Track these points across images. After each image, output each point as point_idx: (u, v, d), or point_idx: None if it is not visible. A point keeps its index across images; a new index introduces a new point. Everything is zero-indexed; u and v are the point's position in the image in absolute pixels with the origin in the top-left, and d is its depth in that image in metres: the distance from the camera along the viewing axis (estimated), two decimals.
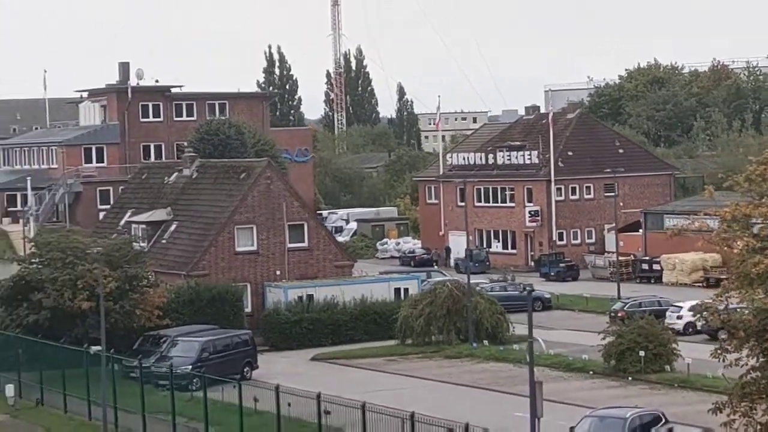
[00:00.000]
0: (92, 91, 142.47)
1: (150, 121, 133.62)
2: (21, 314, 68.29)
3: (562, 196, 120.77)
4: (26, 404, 61.46)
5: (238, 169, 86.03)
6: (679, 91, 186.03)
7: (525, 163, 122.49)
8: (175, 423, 53.03)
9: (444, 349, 74.04)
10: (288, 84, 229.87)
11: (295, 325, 76.99)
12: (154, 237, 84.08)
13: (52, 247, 71.55)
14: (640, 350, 63.60)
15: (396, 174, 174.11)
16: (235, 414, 51.42)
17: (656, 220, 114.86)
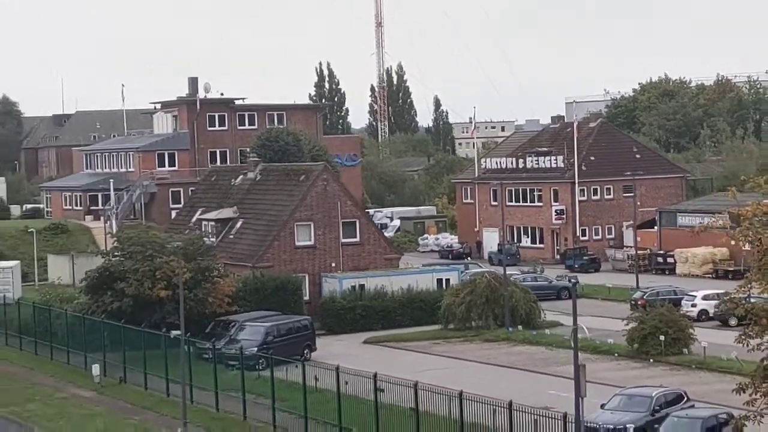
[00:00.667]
0: (165, 103, 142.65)
1: (216, 130, 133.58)
2: (106, 301, 68.38)
3: (585, 197, 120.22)
4: (110, 382, 61.38)
5: (298, 172, 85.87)
6: (687, 102, 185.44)
7: (551, 167, 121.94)
8: (244, 399, 52.79)
9: (483, 334, 73.44)
10: (336, 96, 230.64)
11: (349, 311, 76.86)
12: (223, 233, 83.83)
13: (134, 241, 71.68)
14: (661, 335, 63.24)
15: (434, 176, 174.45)
16: (298, 391, 51.11)
17: (670, 218, 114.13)
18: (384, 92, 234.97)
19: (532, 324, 75.38)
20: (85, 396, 58.78)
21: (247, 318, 68.77)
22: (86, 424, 52.00)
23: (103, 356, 63.41)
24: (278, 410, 50.61)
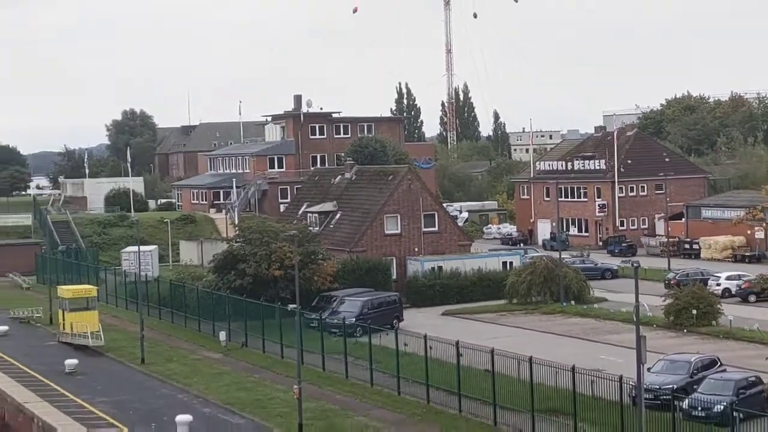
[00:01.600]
0: (274, 116, 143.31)
1: (316, 138, 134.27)
2: (230, 279, 68.95)
3: (623, 193, 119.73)
4: (234, 346, 61.64)
5: (387, 173, 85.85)
6: (705, 115, 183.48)
7: (595, 168, 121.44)
8: (346, 361, 52.89)
9: (541, 307, 73.00)
10: (413, 111, 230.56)
11: (429, 288, 76.70)
12: (324, 223, 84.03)
13: (253, 230, 72.29)
14: (693, 309, 62.62)
15: (495, 177, 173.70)
16: (390, 355, 51.21)
17: (695, 211, 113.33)
18: (452, 107, 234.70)
19: (582, 299, 74.85)
20: (213, 357, 59.16)
21: (346, 293, 68.95)
22: (216, 381, 52.36)
23: (228, 324, 63.73)
24: (375, 370, 50.69)
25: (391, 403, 46.57)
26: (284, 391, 49.04)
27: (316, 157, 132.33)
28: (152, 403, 48.05)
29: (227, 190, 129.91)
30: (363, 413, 44.69)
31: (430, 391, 46.38)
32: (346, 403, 46.66)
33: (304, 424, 42.06)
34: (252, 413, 45.21)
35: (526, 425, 40.33)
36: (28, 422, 46.23)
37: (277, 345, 58.54)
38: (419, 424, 42.67)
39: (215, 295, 68.69)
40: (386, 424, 42.65)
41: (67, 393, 49.88)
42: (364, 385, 50.07)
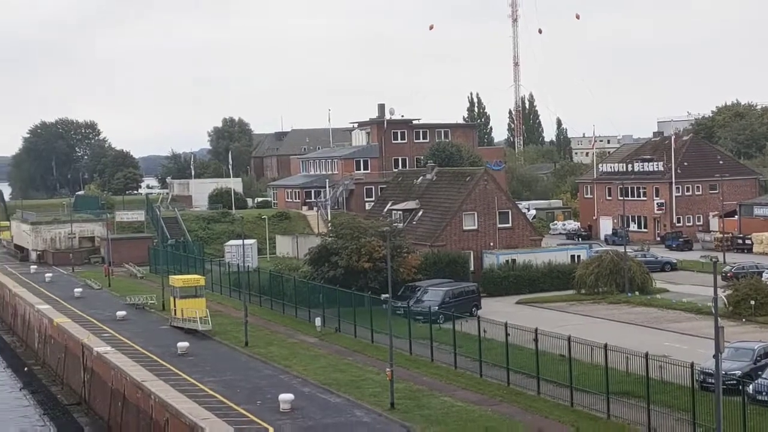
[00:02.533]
0: (360, 123, 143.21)
1: (398, 143, 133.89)
2: (324, 271, 68.88)
3: (680, 193, 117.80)
4: (328, 331, 61.29)
5: (464, 174, 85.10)
6: (754, 121, 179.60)
7: (654, 170, 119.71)
8: (432, 345, 52.32)
9: (607, 297, 71.52)
10: (483, 117, 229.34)
11: (504, 279, 75.83)
12: (407, 220, 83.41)
13: (344, 226, 72.09)
14: (751, 300, 61.17)
15: (560, 177, 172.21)
16: (470, 340, 50.71)
17: (748, 209, 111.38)
18: (519, 114, 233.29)
19: (645, 290, 73.45)
20: (309, 341, 58.86)
21: (429, 284, 68.37)
22: (313, 362, 52.09)
23: (322, 311, 63.28)
24: (458, 354, 50.03)
25: (474, 384, 45.93)
26: (376, 373, 48.74)
27: (397, 159, 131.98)
28: (256, 382, 47.92)
29: (318, 189, 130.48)
30: (448, 394, 44.16)
31: (510, 374, 45.68)
32: (433, 385, 46.12)
33: (395, 403, 41.74)
34: (347, 393, 44.86)
35: (601, 406, 39.52)
36: (145, 398, 46.39)
37: (368, 330, 58.12)
38: (501, 405, 41.97)
39: (310, 284, 68.53)
40: (470, 404, 42.07)
41: (180, 372, 50.03)
42: (448, 368, 49.47)
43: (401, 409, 41.13)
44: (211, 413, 41.04)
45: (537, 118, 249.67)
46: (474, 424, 38.70)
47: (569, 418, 39.17)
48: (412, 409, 41.17)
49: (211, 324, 62.42)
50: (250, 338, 58.18)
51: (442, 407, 41.59)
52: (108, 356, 54.60)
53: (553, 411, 40.45)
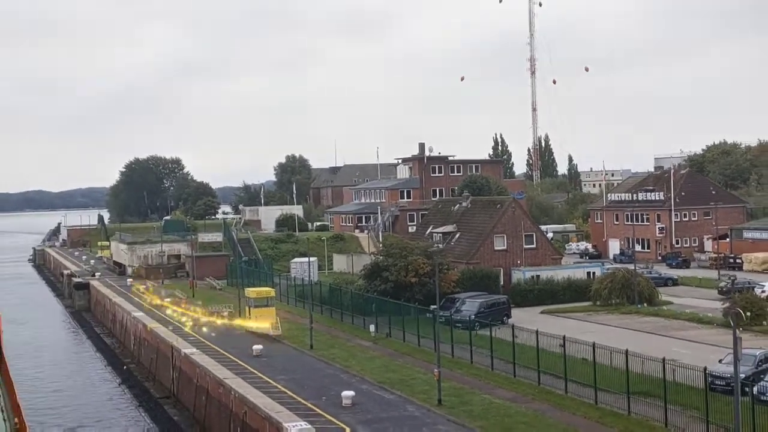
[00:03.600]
0: (404, 159, 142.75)
1: (436, 176, 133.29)
2: (376, 285, 68.07)
3: (678, 218, 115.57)
4: (380, 336, 60.27)
5: (495, 203, 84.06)
6: (738, 158, 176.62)
7: (655, 199, 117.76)
8: (471, 349, 51.10)
9: (620, 308, 69.88)
10: (506, 155, 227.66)
11: (530, 292, 74.55)
12: (446, 241, 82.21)
13: (394, 246, 71.33)
14: (747, 311, 58.83)
15: (572, 205, 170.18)
16: (503, 344, 49.69)
17: (738, 232, 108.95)
18: (536, 152, 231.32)
19: (653, 302, 71.69)
20: (365, 345, 57.89)
21: (466, 296, 67.17)
22: (369, 363, 51.15)
23: (375, 319, 62.32)
24: (495, 357, 48.87)
25: (508, 383, 44.84)
26: (423, 373, 47.79)
27: (435, 190, 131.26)
28: (321, 380, 47.09)
29: (368, 215, 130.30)
30: (487, 392, 43.11)
31: (541, 375, 44.52)
32: (473, 383, 45.08)
33: (442, 400, 40.77)
34: (399, 390, 43.94)
35: (622, 404, 38.28)
36: (226, 394, 45.73)
37: (414, 336, 57.03)
38: (533, 402, 40.84)
39: (365, 296, 67.68)
40: (507, 401, 40.96)
41: (255, 371, 49.34)
42: (486, 369, 48.36)
43: (447, 405, 40.18)
44: (283, 407, 40.25)
45: (551, 155, 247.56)
46: (511, 420, 37.66)
47: (595, 415, 38.02)
48: (457, 405, 40.20)
49: (280, 329, 61.84)
50: (314, 342, 57.39)
51: (483, 404, 40.58)
52: (194, 357, 54.09)
53: (579, 408, 39.29)
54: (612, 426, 36.32)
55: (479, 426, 36.74)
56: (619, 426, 36.25)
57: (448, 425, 37.19)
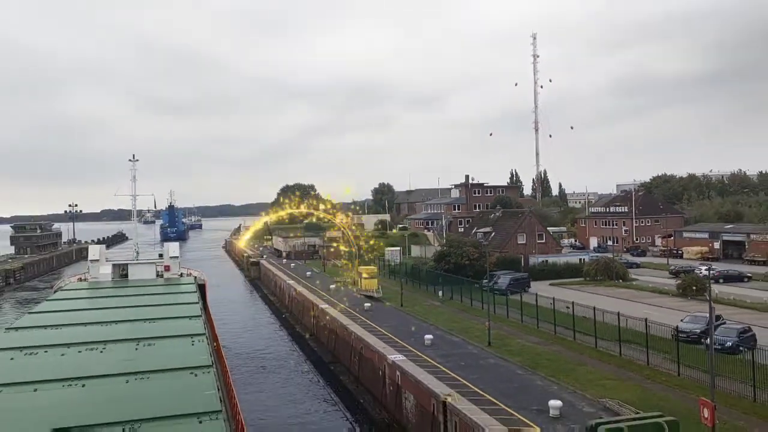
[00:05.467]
0: (455, 185, 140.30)
1: (477, 196, 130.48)
2: (442, 265, 65.96)
3: (637, 224, 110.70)
4: (446, 299, 58.15)
5: (518, 213, 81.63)
6: (674, 185, 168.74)
7: (621, 211, 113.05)
8: (507, 308, 48.60)
9: (603, 283, 66.46)
10: (519, 182, 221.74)
11: (541, 271, 71.43)
12: (486, 237, 79.78)
13: (453, 241, 69.22)
14: (693, 287, 55.61)
15: (564, 215, 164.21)
16: (527, 305, 46.75)
17: (679, 234, 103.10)
18: (539, 180, 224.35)
19: (625, 279, 67.89)
20: (436, 304, 55.78)
21: (501, 272, 64.33)
22: (440, 317, 49.11)
23: (442, 287, 60.25)
24: (523, 315, 46.34)
25: (534, 332, 42.39)
26: (475, 324, 45.57)
27: (476, 205, 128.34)
28: (409, 327, 45.20)
29: (432, 220, 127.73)
30: (519, 338, 40.79)
31: (556, 328, 41.94)
32: (509, 332, 42.75)
33: (491, 342, 38.70)
34: (461, 335, 41.94)
35: (615, 349, 35.58)
36: (348, 334, 44.44)
37: (468, 299, 54.94)
38: (552, 345, 38.40)
39: (434, 272, 65.56)
40: (534, 344, 38.61)
41: (367, 320, 47.91)
42: (517, 322, 45.91)
43: (494, 346, 38.08)
44: (386, 344, 38.76)
45: (548, 183, 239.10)
46: (539, 356, 35.37)
47: (596, 355, 35.45)
48: (501, 346, 38.06)
49: (381, 293, 60.37)
50: (403, 302, 55.83)
51: (517, 345, 38.33)
52: (326, 309, 53.07)
53: (584, 350, 36.70)
54: (609, 362, 33.81)
55: (518, 360, 34.61)
56: (614, 362, 33.74)
57: (496, 359, 35.17)
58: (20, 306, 79.78)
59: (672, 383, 29.90)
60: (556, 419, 24.95)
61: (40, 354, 22.97)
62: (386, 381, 35.28)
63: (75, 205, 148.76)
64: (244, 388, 40.91)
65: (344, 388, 40.99)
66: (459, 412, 25.96)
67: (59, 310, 33.23)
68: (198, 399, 17.38)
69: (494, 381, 30.42)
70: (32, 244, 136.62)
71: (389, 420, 33.72)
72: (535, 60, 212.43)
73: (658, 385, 29.70)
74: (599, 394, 28.18)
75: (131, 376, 19.68)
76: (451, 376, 31.33)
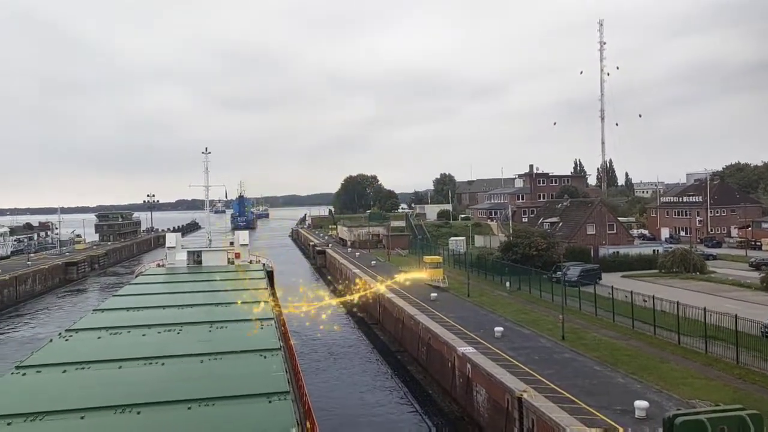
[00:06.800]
0: (520, 174, 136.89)
1: (542, 185, 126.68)
2: (509, 255, 63.47)
3: (713, 214, 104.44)
4: (513, 290, 56.05)
5: (587, 202, 78.28)
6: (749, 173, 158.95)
7: (695, 201, 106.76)
8: (580, 300, 46.30)
9: (679, 275, 62.81)
10: (582, 172, 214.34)
11: (613, 263, 68.12)
12: (553, 228, 76.87)
13: (519, 231, 66.66)
14: None
15: (631, 205, 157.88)
16: (601, 298, 44.28)
17: (757, 224, 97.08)
18: (604, 169, 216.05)
19: (703, 271, 63.88)
20: (503, 295, 53.96)
21: (570, 264, 61.69)
22: (508, 308, 47.32)
23: (509, 278, 58.23)
24: (598, 307, 44.04)
25: (609, 326, 40.07)
26: (546, 316, 43.63)
27: (540, 194, 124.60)
28: (477, 318, 43.85)
29: (496, 210, 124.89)
30: (594, 331, 38.61)
31: (634, 322, 39.47)
32: (583, 325, 40.58)
33: (564, 336, 36.73)
34: (533, 327, 40.12)
35: (700, 345, 33.01)
36: (416, 324, 43.42)
37: (537, 290, 52.83)
38: (630, 340, 36.11)
39: (501, 262, 63.52)
40: (611, 339, 36.39)
41: (433, 310, 46.73)
42: (590, 315, 43.62)
43: (568, 340, 36.11)
44: (455, 336, 37.45)
45: (614, 172, 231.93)
46: (618, 352, 33.23)
47: (680, 352, 32.98)
48: (575, 340, 36.05)
49: (447, 283, 58.98)
50: (470, 292, 54.26)
51: (594, 340, 36.21)
52: (392, 299, 52.19)
53: (666, 347, 34.30)
54: (694, 360, 31.35)
55: (595, 355, 32.58)
56: (699, 360, 31.27)
57: (572, 353, 33.25)
58: (103, 290, 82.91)
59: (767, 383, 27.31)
60: (643, 421, 23.03)
61: (123, 334, 24.17)
62: (456, 373, 34.02)
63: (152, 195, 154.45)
64: (310, 372, 40.58)
65: (411, 377, 39.98)
66: (536, 409, 24.42)
67: (140, 294, 34.95)
68: (267, 380, 17.86)
69: (571, 377, 28.64)
70: (114, 231, 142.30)
71: (459, 413, 32.48)
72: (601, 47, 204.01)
73: (751, 386, 27.20)
74: (688, 394, 25.99)
75: (205, 357, 20.38)
76: (525, 370, 29.73)
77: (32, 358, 20.63)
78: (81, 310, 65.01)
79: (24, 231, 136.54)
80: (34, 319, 63.76)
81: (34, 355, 21.09)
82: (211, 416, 15.50)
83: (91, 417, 15.49)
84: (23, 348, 49.47)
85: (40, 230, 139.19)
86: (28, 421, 15.22)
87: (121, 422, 15.31)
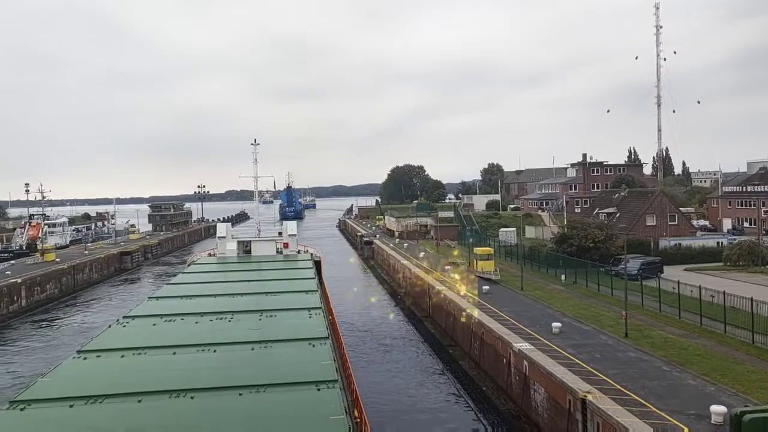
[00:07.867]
0: (572, 164, 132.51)
1: (594, 174, 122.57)
2: (564, 248, 61.33)
3: None
4: (569, 283, 54.05)
5: (646, 192, 75.04)
6: None
7: (761, 191, 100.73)
8: (642, 295, 43.87)
9: (746, 269, 59.34)
10: (637, 161, 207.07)
11: (674, 255, 65.16)
12: (610, 219, 74.01)
13: (574, 222, 64.29)
14: None
15: (690, 195, 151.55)
16: (663, 292, 42.05)
17: None
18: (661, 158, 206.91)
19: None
20: (558, 288, 52.07)
21: (630, 257, 58.95)
22: (564, 303, 45.49)
23: (564, 271, 56.27)
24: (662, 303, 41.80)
25: (675, 323, 37.89)
26: (606, 311, 41.72)
27: (593, 184, 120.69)
28: (532, 312, 42.31)
29: (547, 200, 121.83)
30: (659, 329, 36.55)
31: (702, 318, 37.17)
32: (647, 321, 38.54)
33: (628, 333, 34.87)
34: (592, 323, 38.32)
35: None
36: (468, 318, 42.16)
37: (594, 284, 50.61)
38: (699, 338, 33.96)
39: (555, 254, 61.47)
40: (678, 336, 34.32)
41: (486, 303, 45.34)
42: (654, 311, 41.44)
43: (632, 337, 34.25)
44: (510, 331, 36.10)
45: (670, 160, 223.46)
46: (686, 351, 31.22)
47: (755, 352, 30.75)
48: (639, 338, 34.15)
49: (499, 275, 57.42)
50: (523, 285, 52.56)
51: (659, 337, 34.22)
52: (443, 292, 51.06)
53: (739, 346, 32.05)
54: None
55: (662, 355, 30.71)
56: None
57: (636, 352, 31.46)
58: (156, 278, 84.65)
59: None
60: (720, 427, 21.34)
61: (177, 321, 24.78)
62: (511, 370, 32.74)
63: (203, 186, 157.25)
64: (358, 362, 39.97)
65: (464, 373, 38.88)
66: (602, 412, 22.98)
67: (193, 282, 35.81)
68: (316, 368, 18.09)
69: (638, 378, 26.99)
70: (167, 222, 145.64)
71: (516, 412, 31.22)
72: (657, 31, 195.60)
73: None
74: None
75: (256, 345, 20.80)
76: (587, 369, 28.23)
77: (92, 343, 21.47)
78: (135, 298, 66.40)
79: (82, 221, 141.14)
80: (91, 306, 65.45)
81: (94, 341, 21.96)
82: (261, 402, 15.80)
83: (148, 400, 15.94)
84: (81, 335, 50.69)
85: (97, 220, 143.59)
86: (88, 404, 15.79)
87: (176, 406, 15.66)
